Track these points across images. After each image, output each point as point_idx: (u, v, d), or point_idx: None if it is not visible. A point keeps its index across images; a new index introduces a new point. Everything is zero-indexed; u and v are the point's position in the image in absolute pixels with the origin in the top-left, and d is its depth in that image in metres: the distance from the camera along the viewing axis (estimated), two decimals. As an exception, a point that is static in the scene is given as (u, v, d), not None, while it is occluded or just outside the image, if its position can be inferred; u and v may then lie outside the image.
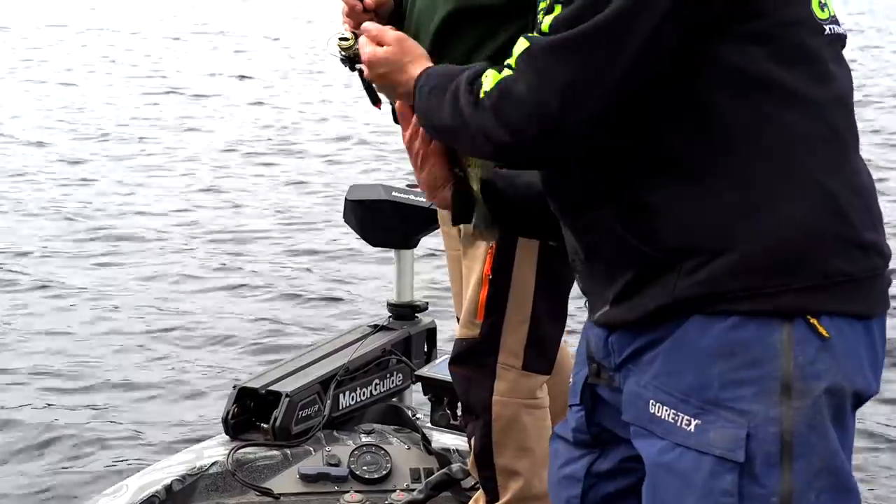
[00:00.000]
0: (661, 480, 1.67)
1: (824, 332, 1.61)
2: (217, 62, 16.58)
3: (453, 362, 2.74)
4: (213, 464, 3.31)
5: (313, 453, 3.42)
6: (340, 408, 3.57)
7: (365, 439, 3.49)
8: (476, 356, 2.67)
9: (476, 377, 2.67)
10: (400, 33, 1.93)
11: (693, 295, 1.63)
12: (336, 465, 3.38)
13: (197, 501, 3.25)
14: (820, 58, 1.67)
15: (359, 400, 3.63)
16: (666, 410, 1.65)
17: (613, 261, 1.71)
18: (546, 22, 1.63)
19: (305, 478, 3.33)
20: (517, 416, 2.63)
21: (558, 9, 1.62)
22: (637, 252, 1.66)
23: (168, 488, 3.19)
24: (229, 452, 3.33)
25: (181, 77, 15.12)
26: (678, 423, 1.64)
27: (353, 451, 3.41)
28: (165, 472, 3.28)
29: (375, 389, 3.69)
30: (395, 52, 1.89)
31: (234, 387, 3.51)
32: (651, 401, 1.67)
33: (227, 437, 3.43)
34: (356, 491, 3.27)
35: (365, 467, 3.37)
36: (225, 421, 3.44)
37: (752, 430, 1.60)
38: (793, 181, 1.62)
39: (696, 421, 1.63)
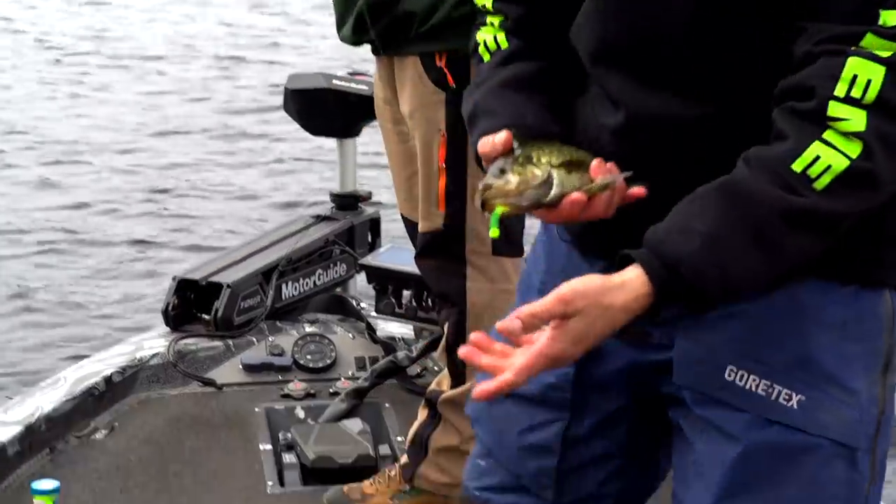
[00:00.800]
0: (756, 459, 1.44)
1: None
2: None
3: (420, 255, 2.70)
4: (153, 355, 3.26)
5: (256, 343, 3.38)
6: (283, 298, 3.53)
7: (309, 329, 3.46)
8: (443, 246, 2.62)
9: (446, 266, 2.62)
10: (556, 296, 1.32)
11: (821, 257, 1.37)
12: (280, 355, 3.34)
13: (137, 392, 3.21)
14: None
15: (302, 290, 3.59)
16: (753, 380, 1.42)
17: None
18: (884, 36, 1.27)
19: (248, 368, 3.30)
20: (492, 302, 2.59)
21: (891, 16, 1.27)
22: None
23: (108, 380, 3.14)
24: (170, 343, 3.28)
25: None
26: (773, 397, 1.42)
27: (297, 340, 3.38)
28: (104, 363, 3.22)
29: (319, 280, 3.65)
30: (577, 324, 1.32)
31: (174, 278, 3.45)
32: (730, 367, 1.43)
33: (167, 329, 3.38)
34: (300, 380, 3.24)
35: (309, 356, 3.34)
36: (165, 312, 3.39)
37: (861, 411, 1.43)
38: None
39: (800, 396, 1.41)
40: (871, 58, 1.26)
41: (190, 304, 3.42)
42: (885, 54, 1.26)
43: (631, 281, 1.32)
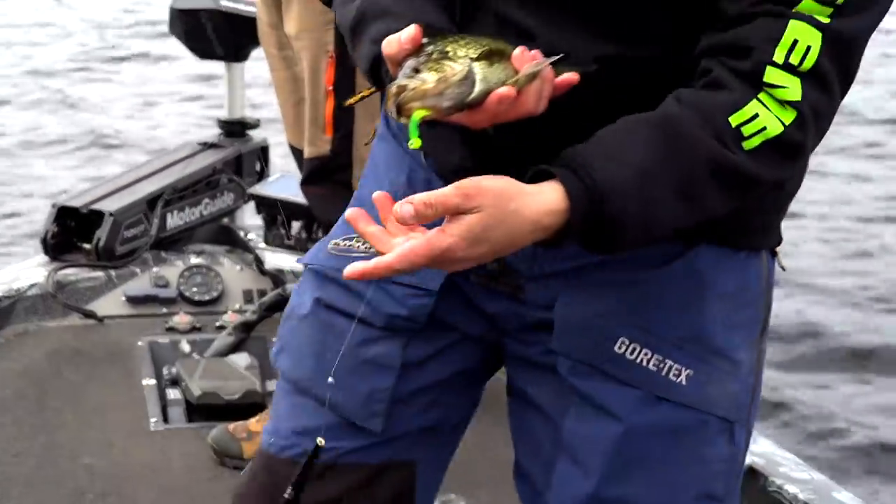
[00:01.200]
0: (641, 440, 1.34)
1: (783, 264, 1.44)
2: None
3: (306, 182, 2.62)
4: (31, 286, 3.15)
5: (140, 274, 3.28)
6: (168, 228, 3.43)
7: (195, 260, 3.37)
8: (330, 173, 2.56)
9: (333, 194, 2.56)
10: (456, 187, 1.16)
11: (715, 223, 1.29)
12: (164, 287, 3.26)
13: (14, 324, 3.09)
14: None
15: (188, 220, 3.49)
16: (645, 354, 1.33)
17: None
18: None
19: (132, 300, 3.21)
20: None
21: None
22: None
23: (-18, 311, 3.03)
24: (49, 273, 3.17)
25: None
26: (663, 372, 1.33)
27: (183, 272, 3.29)
28: (-22, 294, 3.10)
29: (205, 209, 3.55)
30: (474, 220, 1.15)
31: (53, 205, 3.32)
32: (621, 339, 1.33)
33: (46, 258, 3.26)
34: (185, 313, 3.16)
35: (195, 288, 3.26)
36: (44, 241, 3.27)
37: (741, 382, 1.37)
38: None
39: (688, 371, 1.33)
40: (811, 22, 1.20)
41: (70, 232, 3.31)
42: (824, 20, 1.20)
43: (546, 195, 1.17)
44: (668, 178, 1.20)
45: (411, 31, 1.20)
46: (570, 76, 1.22)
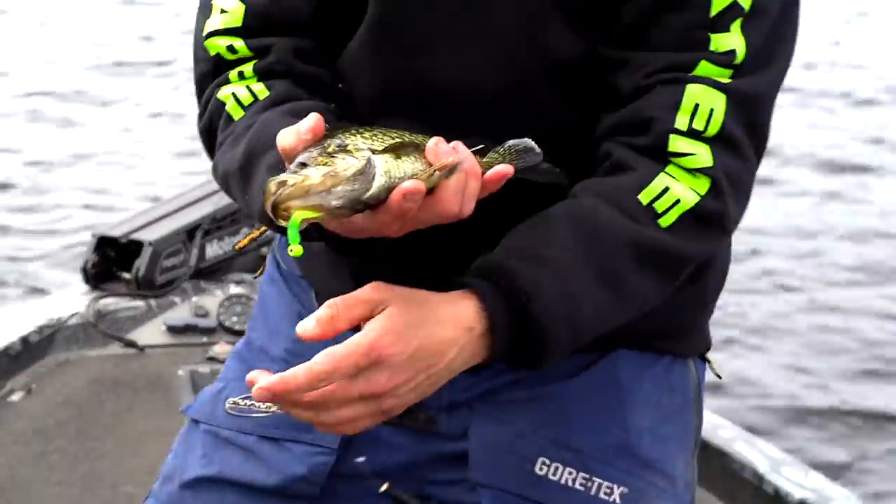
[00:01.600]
0: None
1: (717, 373, 1.35)
2: None
3: None
4: (72, 315, 3.16)
5: (179, 304, 3.29)
6: (207, 258, 3.44)
7: (234, 290, 3.38)
8: None
9: None
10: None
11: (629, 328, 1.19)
12: (204, 316, 3.26)
13: (56, 353, 3.10)
14: None
15: (227, 250, 3.50)
16: (569, 473, 1.22)
17: None
18: (736, 47, 1.14)
19: (172, 329, 3.22)
20: None
21: (737, 29, 1.15)
22: None
23: (24, 339, 3.04)
24: (90, 302, 3.18)
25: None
26: (592, 491, 1.22)
27: (223, 301, 3.30)
28: (20, 322, 3.11)
29: (244, 238, 3.56)
30: (393, 313, 1.05)
31: (93, 235, 3.34)
32: (541, 459, 1.22)
33: (86, 287, 3.28)
34: (226, 342, 3.17)
35: (235, 318, 3.26)
36: (84, 270, 3.28)
37: (679, 501, 1.27)
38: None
39: (622, 489, 1.23)
40: (711, 84, 1.13)
41: (110, 261, 3.32)
42: (725, 80, 1.14)
43: (461, 305, 1.06)
44: (588, 269, 1.10)
45: (311, 120, 1.02)
46: (502, 168, 1.05)
